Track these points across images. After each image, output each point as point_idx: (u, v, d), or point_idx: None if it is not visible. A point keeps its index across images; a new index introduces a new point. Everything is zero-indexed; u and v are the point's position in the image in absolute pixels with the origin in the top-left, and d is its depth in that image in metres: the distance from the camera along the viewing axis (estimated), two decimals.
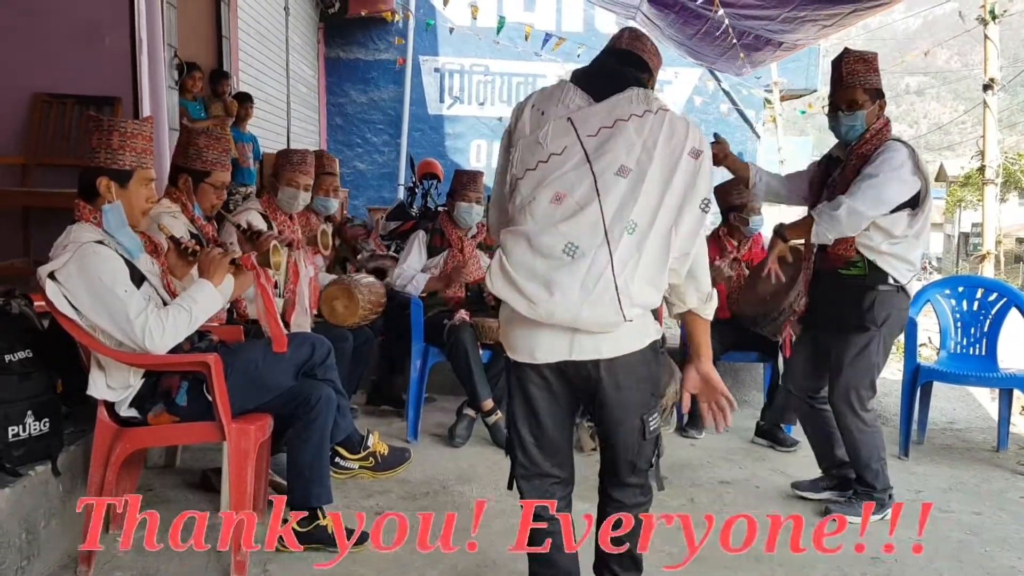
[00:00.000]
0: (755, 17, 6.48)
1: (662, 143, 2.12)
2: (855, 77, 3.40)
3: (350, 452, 3.73)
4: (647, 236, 2.08)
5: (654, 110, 2.16)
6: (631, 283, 2.05)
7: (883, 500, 3.54)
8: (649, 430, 2.23)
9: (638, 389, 2.21)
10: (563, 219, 2.08)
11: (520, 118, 2.26)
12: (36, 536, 2.71)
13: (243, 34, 8.60)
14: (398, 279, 4.65)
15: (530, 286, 2.06)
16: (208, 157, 3.45)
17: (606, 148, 2.12)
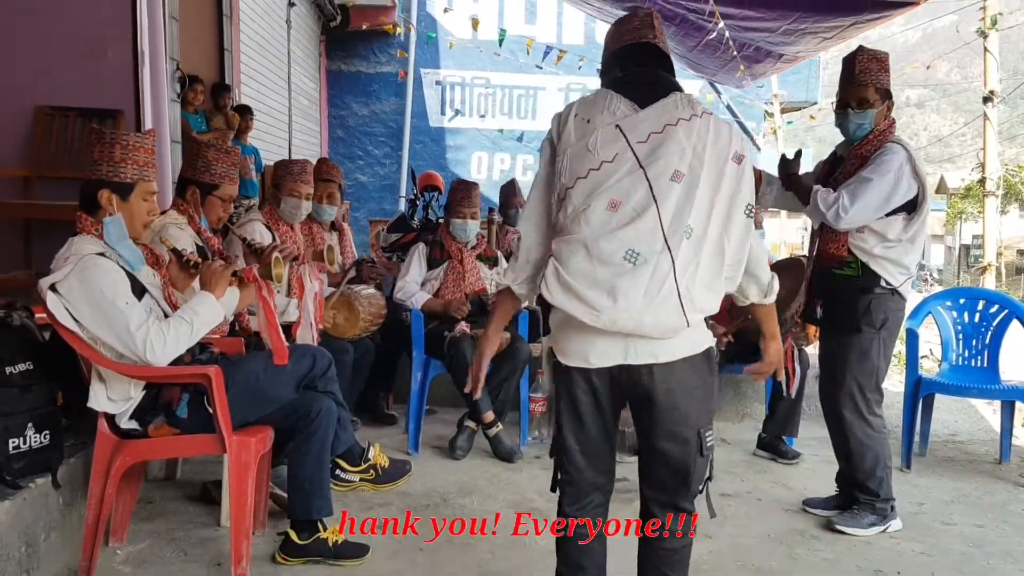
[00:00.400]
0: (756, 29, 6.50)
1: (710, 147, 2.14)
2: (868, 75, 3.39)
3: (351, 464, 3.72)
4: (703, 241, 2.10)
5: (699, 114, 2.17)
6: (693, 288, 2.06)
7: (885, 511, 3.52)
8: (706, 446, 2.18)
9: (693, 398, 2.17)
10: (621, 226, 2.07)
11: (564, 128, 2.23)
12: (36, 549, 2.70)
13: (245, 47, 8.63)
14: (399, 292, 4.65)
15: (591, 293, 2.05)
16: (217, 170, 3.46)
17: (658, 154, 2.11)
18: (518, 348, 4.42)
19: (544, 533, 3.36)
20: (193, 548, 3.08)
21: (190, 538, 3.15)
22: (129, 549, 3.04)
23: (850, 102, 3.41)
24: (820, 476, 4.24)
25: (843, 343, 3.47)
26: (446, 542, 3.26)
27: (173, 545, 3.09)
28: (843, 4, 5.48)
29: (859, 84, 3.39)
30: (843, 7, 5.55)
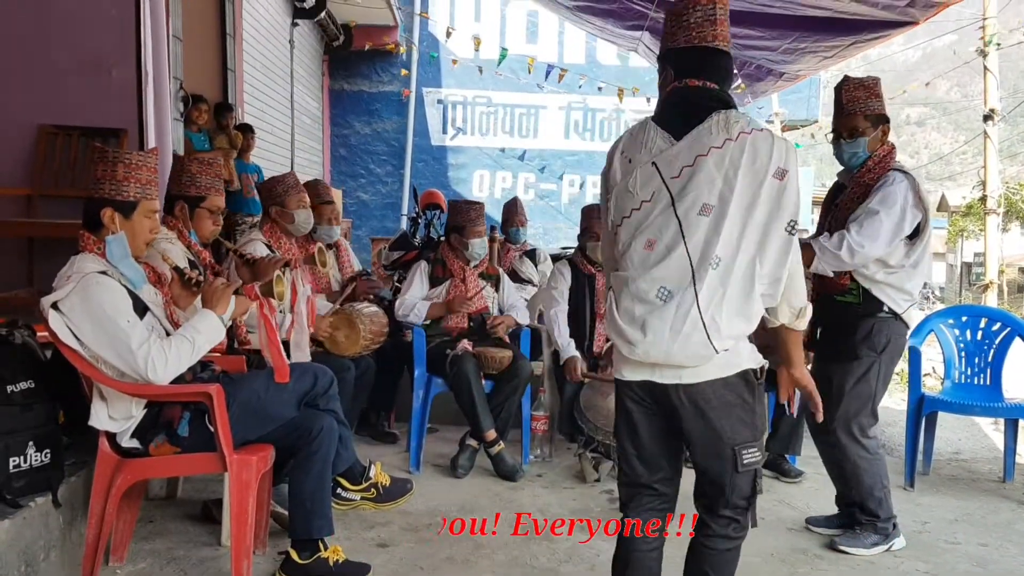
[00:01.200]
0: (756, 48, 6.53)
1: (743, 170, 2.15)
2: (855, 104, 3.41)
3: (352, 483, 3.71)
4: (731, 268, 2.14)
5: (734, 136, 2.16)
6: (718, 316, 2.13)
7: (887, 530, 3.51)
8: (742, 462, 2.22)
9: (727, 417, 2.21)
10: (655, 264, 2.19)
11: (612, 165, 2.34)
12: (36, 568, 2.69)
13: (248, 67, 8.68)
14: (400, 309, 4.65)
15: (628, 329, 2.21)
16: (201, 183, 3.47)
17: (688, 188, 2.17)
18: (520, 367, 4.41)
19: (546, 552, 3.35)
20: (194, 568, 3.06)
21: (191, 557, 3.14)
22: (129, 568, 3.03)
23: (841, 132, 3.44)
24: (823, 495, 4.22)
25: (843, 369, 3.45)
26: (447, 561, 3.24)
27: (173, 565, 3.08)
28: (843, 24, 5.51)
29: (848, 114, 3.42)
30: (843, 27, 5.57)
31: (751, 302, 2.16)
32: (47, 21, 4.90)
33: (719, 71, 2.29)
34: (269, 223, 4.16)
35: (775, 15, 5.53)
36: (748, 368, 2.23)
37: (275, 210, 4.13)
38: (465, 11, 12.92)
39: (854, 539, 3.49)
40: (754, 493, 2.30)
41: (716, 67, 2.28)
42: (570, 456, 4.60)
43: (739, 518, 2.30)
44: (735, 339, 2.18)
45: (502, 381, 4.42)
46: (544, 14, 12.27)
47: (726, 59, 2.30)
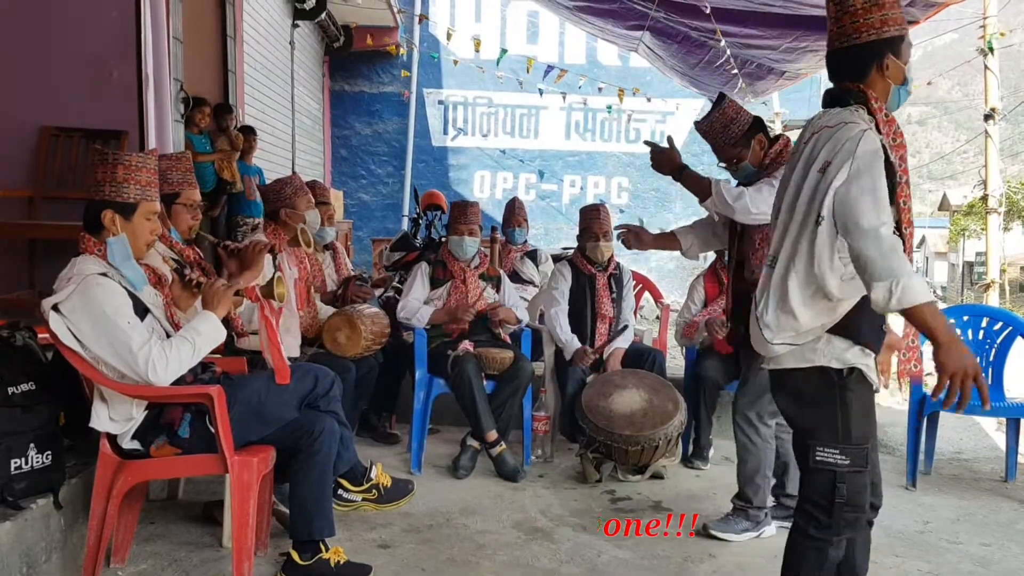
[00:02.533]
0: (757, 47, 6.53)
1: (799, 169, 2.26)
2: (717, 138, 3.48)
3: (353, 484, 3.71)
4: (775, 266, 2.29)
5: (806, 138, 2.26)
6: (766, 312, 2.28)
7: (759, 518, 3.55)
8: (814, 458, 2.25)
9: (801, 407, 2.30)
10: None
11: None
12: (37, 570, 2.69)
13: (249, 68, 8.68)
14: (402, 311, 4.65)
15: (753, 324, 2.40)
16: (173, 179, 3.47)
17: (780, 197, 2.37)
18: (521, 367, 4.41)
19: (547, 553, 3.35)
20: (195, 569, 3.06)
21: (191, 559, 3.14)
22: (130, 570, 3.03)
23: (725, 165, 3.53)
24: None
25: (754, 361, 3.39)
26: (448, 562, 3.24)
27: (175, 566, 3.08)
28: None
29: (718, 149, 3.51)
30: None
31: (789, 299, 2.21)
32: (48, 23, 4.90)
33: (850, 67, 2.28)
34: (272, 224, 4.15)
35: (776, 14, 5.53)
36: (828, 366, 2.24)
37: (286, 211, 4.12)
38: (466, 12, 12.93)
39: (726, 525, 3.55)
40: (835, 498, 2.25)
41: (855, 65, 2.27)
42: (571, 456, 4.60)
43: (818, 516, 2.28)
44: (791, 333, 2.25)
45: (503, 382, 4.41)
46: (545, 15, 12.28)
47: (856, 51, 2.25)
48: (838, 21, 2.27)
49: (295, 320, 3.80)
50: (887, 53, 2.23)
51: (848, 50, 2.26)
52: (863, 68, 2.25)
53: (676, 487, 4.27)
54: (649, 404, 4.24)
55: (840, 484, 2.24)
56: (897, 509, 3.95)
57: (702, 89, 9.48)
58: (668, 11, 6.12)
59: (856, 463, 2.24)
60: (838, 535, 2.29)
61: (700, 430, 4.60)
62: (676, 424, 4.26)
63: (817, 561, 2.30)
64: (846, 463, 2.24)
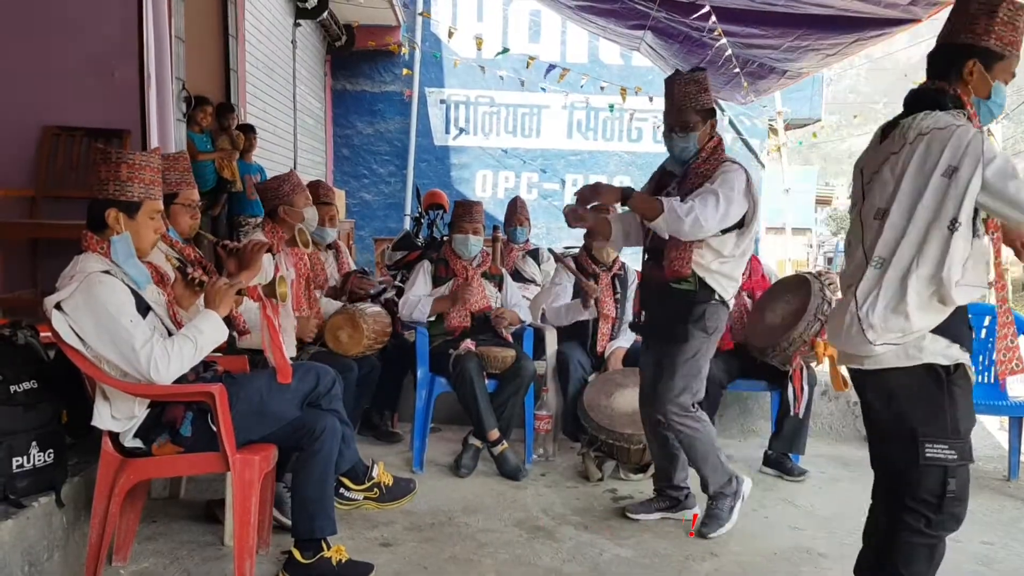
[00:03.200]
0: (758, 46, 6.52)
1: (912, 172, 2.25)
2: (687, 99, 3.43)
3: (355, 483, 3.71)
4: (888, 268, 2.28)
5: (911, 139, 2.26)
6: (872, 313, 2.29)
7: (734, 487, 3.63)
8: (924, 455, 2.27)
9: (910, 405, 2.31)
10: (846, 262, 2.48)
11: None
12: (39, 568, 2.70)
13: (250, 67, 8.69)
14: (404, 307, 4.65)
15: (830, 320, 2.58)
16: (171, 178, 3.47)
17: (870, 192, 2.37)
18: (523, 366, 4.41)
19: (549, 552, 3.35)
20: (197, 567, 3.07)
21: (193, 557, 3.14)
22: (132, 569, 3.03)
23: (674, 126, 3.45)
24: (827, 493, 4.22)
25: (676, 350, 3.48)
26: (450, 561, 3.24)
27: (177, 564, 3.08)
28: (846, 21, 5.51)
29: (680, 108, 3.44)
30: (846, 24, 5.57)
31: (906, 301, 2.25)
32: (50, 22, 4.91)
33: (939, 62, 2.35)
34: (271, 223, 4.14)
35: (778, 13, 5.53)
36: (934, 363, 2.29)
37: (284, 209, 4.11)
38: (467, 11, 12.92)
39: (716, 521, 3.56)
40: (945, 493, 2.28)
41: (945, 63, 2.33)
42: (573, 455, 4.59)
43: (930, 515, 2.31)
44: (898, 334, 2.27)
45: (505, 380, 4.41)
46: (547, 14, 12.27)
47: (949, 49, 2.33)
48: (950, 18, 2.35)
49: (291, 321, 3.80)
50: (976, 60, 2.28)
51: (943, 47, 2.36)
52: (947, 67, 2.32)
53: None
54: None
55: (950, 479, 2.28)
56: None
57: None
58: (670, 11, 6.11)
59: (963, 456, 2.29)
60: (947, 530, 2.35)
61: None
62: None
63: (927, 557, 2.36)
64: (955, 457, 2.28)
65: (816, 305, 3.99)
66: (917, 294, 2.24)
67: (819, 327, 3.99)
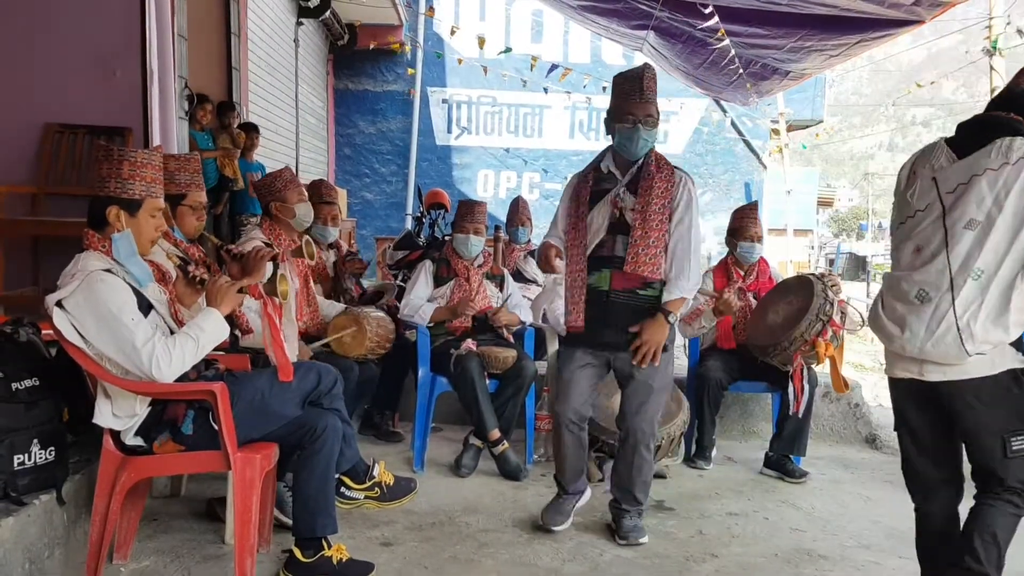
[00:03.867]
0: (761, 46, 6.52)
1: (1016, 193, 2.37)
2: (654, 93, 3.37)
3: (355, 482, 3.71)
4: (992, 281, 2.40)
5: (1012, 161, 2.39)
6: (973, 323, 2.40)
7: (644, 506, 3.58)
8: (1011, 449, 2.46)
9: (995, 409, 2.47)
10: (918, 267, 2.52)
11: (900, 179, 2.68)
12: (40, 566, 2.69)
13: (253, 66, 8.69)
14: (405, 308, 4.65)
15: (888, 324, 2.57)
16: (180, 179, 3.48)
17: (959, 203, 2.45)
18: (524, 366, 4.41)
19: (549, 552, 3.34)
20: (197, 566, 3.06)
21: (194, 556, 3.14)
22: (133, 567, 3.03)
23: (639, 117, 3.32)
24: (828, 495, 4.22)
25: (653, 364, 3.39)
26: (451, 560, 3.24)
27: (177, 563, 3.08)
28: (849, 22, 5.50)
29: (648, 101, 3.34)
30: (849, 25, 5.57)
31: (1008, 313, 2.40)
32: (53, 20, 4.91)
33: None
34: (268, 220, 4.13)
35: (781, 13, 5.52)
36: (1016, 368, 2.48)
37: (276, 205, 4.09)
38: (470, 10, 12.94)
39: (639, 531, 3.49)
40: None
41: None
42: None
43: (1019, 500, 2.52)
44: (990, 344, 2.42)
45: (506, 380, 4.41)
46: (549, 13, 12.27)
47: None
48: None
49: (294, 329, 3.79)
50: None
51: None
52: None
53: (679, 487, 4.27)
54: None
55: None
56: (901, 510, 3.93)
57: (706, 89, 9.48)
58: (673, 10, 6.11)
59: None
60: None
61: (703, 430, 4.60)
62: (679, 423, 4.26)
63: (1013, 528, 2.57)
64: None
65: (819, 305, 3.99)
66: (1018, 309, 2.40)
67: (821, 327, 3.98)
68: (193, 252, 3.30)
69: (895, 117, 56.80)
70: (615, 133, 3.41)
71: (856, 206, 53.83)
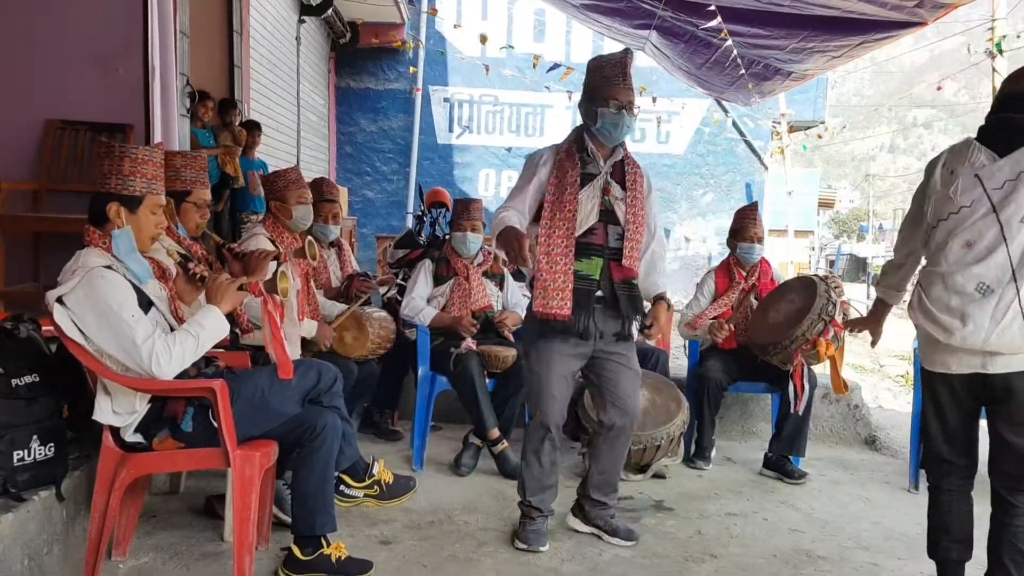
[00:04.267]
0: (764, 46, 6.52)
1: None
2: (633, 81, 3.30)
3: (355, 480, 3.71)
4: None
5: None
6: None
7: None
8: None
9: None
10: (974, 262, 2.58)
11: (932, 175, 2.75)
12: (39, 562, 2.69)
13: (255, 63, 8.69)
14: (406, 309, 4.65)
15: (945, 318, 2.61)
16: (186, 176, 3.49)
17: (1010, 199, 2.53)
18: (523, 366, 4.40)
19: (548, 551, 3.34)
20: (196, 563, 3.06)
21: (193, 553, 3.14)
22: (132, 563, 3.03)
23: (623, 103, 3.22)
24: (827, 496, 4.22)
25: (629, 350, 3.42)
26: (450, 559, 3.24)
27: (176, 560, 3.08)
28: (851, 23, 5.50)
29: (630, 87, 3.25)
30: (851, 27, 5.56)
31: None
32: (55, 16, 4.91)
33: None
34: (271, 218, 4.14)
35: (784, 14, 5.52)
36: None
37: (274, 204, 4.10)
38: (472, 9, 12.94)
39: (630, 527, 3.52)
40: None
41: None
42: (573, 455, 4.59)
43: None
44: None
45: (506, 379, 4.41)
46: (551, 12, 12.27)
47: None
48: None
49: (295, 330, 3.79)
50: None
51: None
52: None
53: (678, 487, 4.27)
54: (651, 403, 4.23)
55: None
56: (900, 511, 3.95)
57: (709, 90, 9.47)
58: (675, 10, 6.11)
59: None
60: None
61: (702, 430, 4.60)
62: (678, 423, 4.26)
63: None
64: None
65: (821, 305, 3.99)
66: None
67: (823, 327, 3.99)
68: (196, 249, 3.30)
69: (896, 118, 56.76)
70: (596, 117, 3.26)
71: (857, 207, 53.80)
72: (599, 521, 3.50)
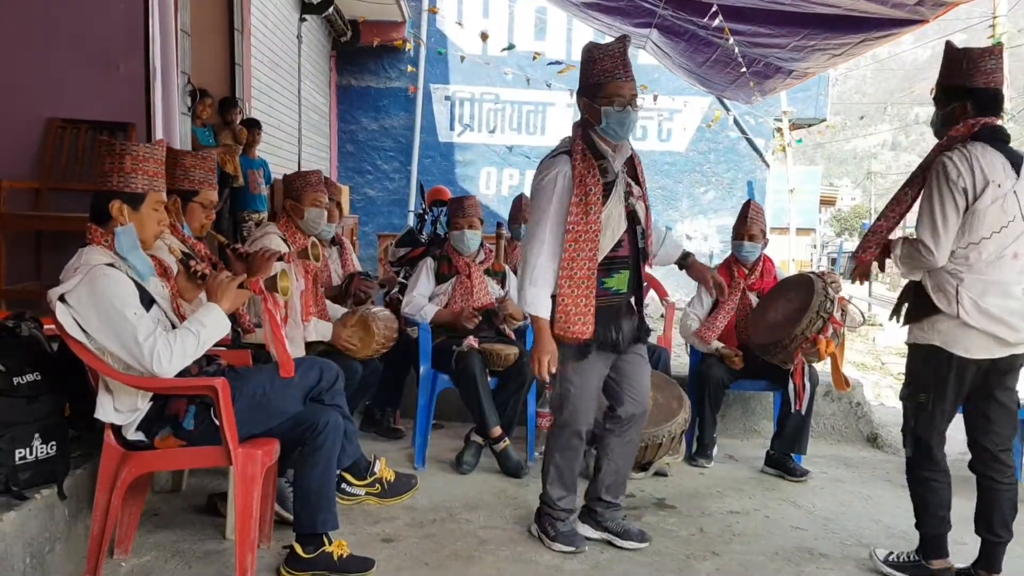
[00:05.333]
0: (765, 45, 6.51)
1: None
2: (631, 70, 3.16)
3: (357, 478, 3.71)
4: None
5: None
6: None
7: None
8: None
9: None
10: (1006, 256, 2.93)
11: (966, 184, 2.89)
12: (41, 560, 2.69)
13: (256, 62, 8.69)
14: (408, 307, 4.65)
15: (1012, 319, 2.94)
16: (195, 176, 3.50)
17: None
18: (525, 363, 4.40)
19: (549, 549, 3.34)
20: (198, 561, 3.07)
21: (195, 551, 3.14)
22: (134, 561, 3.03)
23: (628, 99, 3.11)
24: (828, 494, 4.22)
25: (640, 351, 3.42)
26: (451, 557, 3.24)
27: (178, 558, 3.08)
28: (852, 21, 5.49)
29: (631, 79, 3.11)
30: (852, 24, 5.56)
31: None
32: (55, 15, 4.90)
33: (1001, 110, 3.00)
34: (285, 217, 4.14)
35: (785, 12, 5.51)
36: None
37: (288, 203, 4.11)
38: (473, 7, 12.92)
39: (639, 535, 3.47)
40: None
41: (1001, 107, 2.99)
42: None
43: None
44: None
45: (508, 377, 4.41)
46: (553, 11, 12.26)
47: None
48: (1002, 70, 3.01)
49: (299, 331, 3.79)
50: None
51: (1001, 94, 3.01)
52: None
53: (679, 485, 4.27)
54: (653, 401, 4.22)
55: None
56: (900, 509, 3.94)
57: (710, 88, 9.46)
58: (676, 9, 6.10)
59: None
60: None
61: (704, 428, 4.60)
62: (680, 421, 4.26)
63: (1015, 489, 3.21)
64: None
65: (819, 303, 3.99)
66: None
67: (822, 324, 3.98)
68: (200, 248, 3.31)
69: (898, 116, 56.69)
70: (600, 117, 3.11)
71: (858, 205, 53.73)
72: (611, 524, 3.45)
